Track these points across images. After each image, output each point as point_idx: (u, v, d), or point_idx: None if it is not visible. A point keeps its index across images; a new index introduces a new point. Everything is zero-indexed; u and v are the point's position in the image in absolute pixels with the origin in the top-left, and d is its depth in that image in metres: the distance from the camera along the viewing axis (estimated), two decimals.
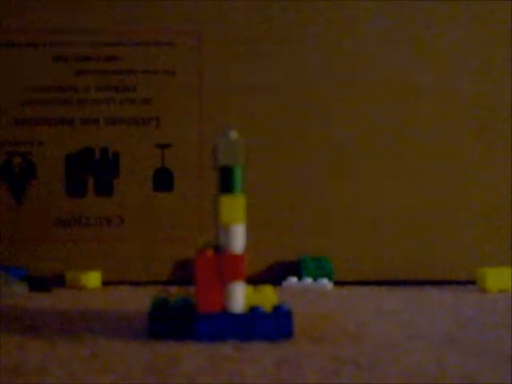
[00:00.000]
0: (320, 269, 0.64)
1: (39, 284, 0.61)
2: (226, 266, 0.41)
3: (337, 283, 0.65)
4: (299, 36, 0.66)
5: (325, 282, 0.63)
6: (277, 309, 0.41)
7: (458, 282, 0.65)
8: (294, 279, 0.63)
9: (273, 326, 0.40)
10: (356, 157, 0.66)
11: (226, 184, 0.42)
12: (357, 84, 0.66)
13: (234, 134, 0.42)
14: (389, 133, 0.66)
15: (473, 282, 0.64)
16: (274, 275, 0.66)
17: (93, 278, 0.63)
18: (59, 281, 0.64)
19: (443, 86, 0.66)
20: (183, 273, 0.65)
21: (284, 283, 0.63)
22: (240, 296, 0.41)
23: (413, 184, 0.66)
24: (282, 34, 0.66)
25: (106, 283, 0.65)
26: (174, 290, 0.47)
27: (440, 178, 0.66)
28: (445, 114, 0.66)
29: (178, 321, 0.41)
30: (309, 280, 0.63)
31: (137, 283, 0.65)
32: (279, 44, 0.66)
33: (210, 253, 0.41)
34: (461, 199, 0.66)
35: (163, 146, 0.66)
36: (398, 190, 0.66)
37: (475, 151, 0.66)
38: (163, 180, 0.66)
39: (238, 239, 0.41)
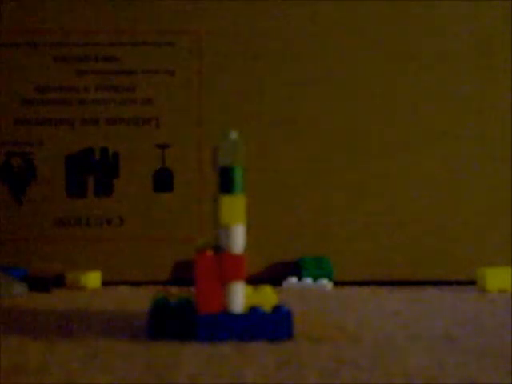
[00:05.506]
0: (320, 269, 0.64)
1: (39, 284, 0.61)
2: (226, 266, 0.41)
3: (337, 283, 0.65)
4: (299, 36, 0.66)
5: (325, 282, 0.63)
6: (277, 309, 0.41)
7: (458, 282, 0.65)
8: (294, 279, 0.63)
9: (273, 326, 0.40)
10: (356, 157, 0.66)
11: (226, 184, 0.42)
12: (356, 84, 0.66)
13: (234, 135, 0.42)
14: (389, 134, 0.66)
15: (473, 282, 0.64)
16: (274, 275, 0.66)
17: (93, 278, 0.63)
18: (59, 281, 0.64)
19: (443, 86, 0.66)
20: (183, 273, 0.65)
21: (284, 283, 0.63)
22: (240, 296, 0.41)
23: (413, 184, 0.66)
24: (282, 35, 0.66)
25: (105, 283, 0.65)
26: (174, 290, 0.47)
27: (440, 178, 0.66)
28: (444, 113, 0.66)
29: (178, 321, 0.41)
30: (309, 280, 0.63)
31: (137, 283, 0.65)
32: (279, 44, 0.66)
33: (209, 253, 0.41)
34: (461, 199, 0.66)
35: (163, 146, 0.66)
36: (398, 190, 0.66)
37: (475, 152, 0.66)
38: (163, 180, 0.66)
39: (238, 239, 0.41)
